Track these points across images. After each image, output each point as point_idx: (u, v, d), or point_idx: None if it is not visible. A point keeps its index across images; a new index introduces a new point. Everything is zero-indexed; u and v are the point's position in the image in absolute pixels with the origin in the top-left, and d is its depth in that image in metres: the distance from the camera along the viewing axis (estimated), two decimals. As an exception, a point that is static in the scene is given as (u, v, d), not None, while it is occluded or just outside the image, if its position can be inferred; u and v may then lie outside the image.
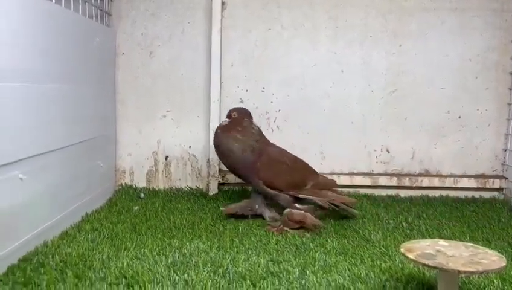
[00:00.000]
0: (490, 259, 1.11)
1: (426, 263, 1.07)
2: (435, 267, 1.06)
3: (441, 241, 1.22)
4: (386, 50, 2.31)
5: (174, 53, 2.31)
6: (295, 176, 1.95)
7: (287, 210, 1.82)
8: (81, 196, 1.86)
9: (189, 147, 2.35)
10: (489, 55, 2.31)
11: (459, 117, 2.35)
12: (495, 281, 1.33)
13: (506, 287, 1.30)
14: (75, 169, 1.81)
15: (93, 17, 2.01)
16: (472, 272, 1.06)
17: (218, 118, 2.28)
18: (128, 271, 1.34)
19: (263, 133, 2.02)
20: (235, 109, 2.00)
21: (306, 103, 2.34)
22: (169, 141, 2.35)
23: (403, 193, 2.33)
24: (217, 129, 1.98)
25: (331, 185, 2.03)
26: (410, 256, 1.11)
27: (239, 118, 1.95)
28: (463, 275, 1.17)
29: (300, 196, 1.91)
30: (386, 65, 2.32)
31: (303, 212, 1.81)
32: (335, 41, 2.31)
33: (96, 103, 2.05)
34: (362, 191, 2.34)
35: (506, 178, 2.32)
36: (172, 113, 2.33)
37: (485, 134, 2.36)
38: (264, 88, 2.34)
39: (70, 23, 1.74)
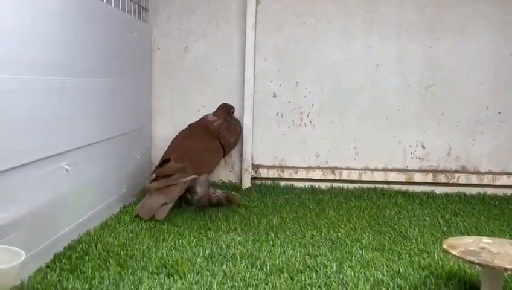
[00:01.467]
0: (538, 257, 1.08)
1: (471, 259, 1.05)
2: (480, 264, 1.05)
3: (485, 239, 1.20)
4: (423, 44, 2.27)
5: (208, 48, 2.33)
6: None
7: None
8: (120, 187, 1.91)
9: (223, 141, 2.37)
10: (531, 49, 2.24)
11: (499, 113, 2.29)
12: (541, 279, 1.30)
13: (551, 287, 1.27)
14: (115, 161, 1.85)
15: (131, 12, 2.05)
16: (520, 270, 1.04)
17: (251, 112, 2.29)
18: (168, 261, 1.37)
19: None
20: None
21: (340, 98, 2.32)
22: (203, 135, 2.37)
23: (439, 190, 2.29)
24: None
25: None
26: (454, 252, 1.09)
27: None
28: (510, 272, 1.15)
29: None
30: (422, 59, 2.27)
31: None
32: (370, 35, 2.28)
33: (134, 96, 2.09)
34: (397, 187, 2.31)
35: (547, 176, 2.25)
36: (206, 107, 2.35)
37: None
38: (297, 83, 2.33)
39: (109, 17, 1.78)
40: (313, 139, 2.36)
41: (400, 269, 1.36)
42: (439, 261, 1.41)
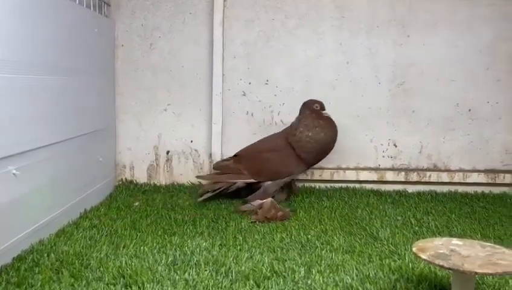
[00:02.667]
0: (508, 259, 1.04)
1: (441, 263, 1.01)
2: (449, 269, 1.00)
3: (455, 240, 1.16)
4: (394, 41, 2.24)
5: (175, 45, 2.24)
6: None
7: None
8: (79, 191, 1.80)
9: (191, 141, 2.29)
10: (500, 46, 2.23)
11: (469, 110, 2.28)
12: (510, 281, 1.27)
13: (522, 288, 1.24)
14: (74, 164, 1.75)
15: (91, 7, 1.94)
16: (490, 274, 1.00)
17: (220, 111, 2.22)
18: (127, 270, 1.28)
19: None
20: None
21: (311, 96, 2.25)
22: (170, 135, 2.29)
23: (411, 188, 2.27)
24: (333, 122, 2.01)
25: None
26: (423, 257, 1.05)
27: None
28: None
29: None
30: (393, 56, 2.24)
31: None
32: (341, 31, 2.24)
33: (95, 95, 1.99)
34: (369, 186, 2.28)
35: (517, 173, 2.26)
36: (173, 106, 2.27)
37: (495, 127, 2.28)
38: (267, 81, 2.27)
39: (67, 12, 1.68)
40: (284, 138, 2.29)
41: (369, 273, 1.31)
42: (410, 264, 1.37)
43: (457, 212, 1.98)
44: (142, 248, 1.48)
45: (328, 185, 2.29)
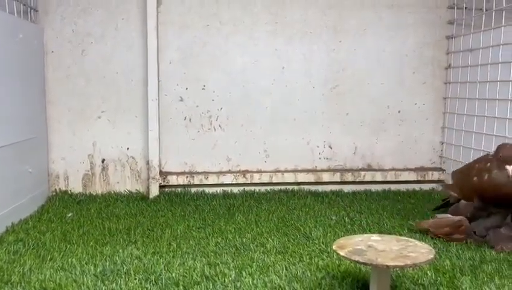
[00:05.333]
0: (419, 252, 1.10)
1: (356, 259, 1.05)
2: (364, 264, 1.05)
3: (374, 236, 1.22)
4: (326, 46, 2.31)
5: (108, 51, 2.20)
6: None
7: None
8: (4, 205, 1.72)
9: (127, 148, 2.25)
10: (425, 51, 2.36)
11: (399, 112, 2.39)
12: (428, 272, 1.35)
13: (439, 278, 1.31)
14: (-3, 176, 1.67)
15: (15, 13, 1.87)
16: (401, 266, 1.06)
17: (157, 117, 2.20)
18: (50, 284, 1.24)
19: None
20: None
21: (248, 101, 2.30)
22: (105, 143, 2.24)
23: (347, 188, 2.35)
24: None
25: None
26: (342, 253, 1.09)
27: None
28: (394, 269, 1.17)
29: None
30: (326, 61, 2.32)
31: None
32: (275, 37, 2.29)
33: (22, 103, 1.91)
34: (307, 187, 2.34)
35: (443, 170, 2.39)
36: (107, 113, 2.22)
37: (423, 128, 2.41)
38: (204, 86, 2.27)
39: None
40: (223, 143, 2.31)
41: (298, 272, 1.34)
42: (337, 261, 1.41)
43: (389, 209, 2.06)
44: (70, 259, 1.43)
45: (268, 188, 2.33)
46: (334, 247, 1.14)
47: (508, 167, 1.54)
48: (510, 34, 1.85)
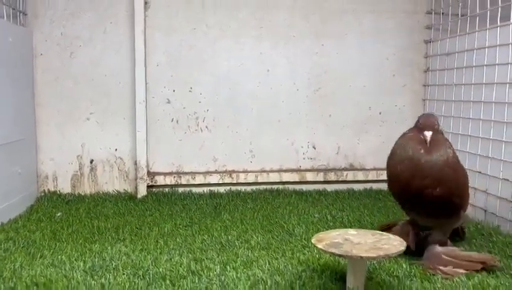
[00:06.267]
0: (392, 244, 1.18)
1: (333, 251, 1.12)
2: (340, 255, 1.12)
3: (351, 231, 1.28)
4: (309, 50, 2.39)
5: (96, 53, 2.24)
6: None
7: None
8: (-6, 204, 1.76)
9: (116, 149, 2.30)
10: (404, 55, 2.45)
11: (380, 113, 2.48)
12: (404, 265, 1.42)
13: (413, 270, 1.39)
14: (-13, 176, 1.71)
15: (5, 16, 1.91)
16: (374, 257, 1.13)
17: (144, 119, 2.25)
18: (41, 279, 1.29)
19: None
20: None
21: (234, 103, 2.37)
22: (94, 144, 2.28)
23: (330, 188, 2.42)
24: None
25: None
26: (320, 246, 1.16)
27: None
28: (371, 261, 1.24)
29: None
30: (309, 64, 2.39)
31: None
32: (260, 41, 2.36)
33: (11, 105, 1.95)
34: (291, 187, 2.41)
35: (423, 169, 2.47)
36: (96, 115, 2.27)
37: (403, 129, 2.44)
38: (191, 88, 2.33)
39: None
40: (209, 143, 2.37)
41: (280, 266, 1.41)
42: (317, 255, 1.48)
43: (370, 207, 2.14)
44: (60, 257, 1.48)
45: (254, 187, 2.39)
46: (313, 240, 1.21)
47: (426, 132, 1.38)
48: (483, 38, 1.94)
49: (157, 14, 2.26)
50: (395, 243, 1.18)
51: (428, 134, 1.38)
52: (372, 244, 1.16)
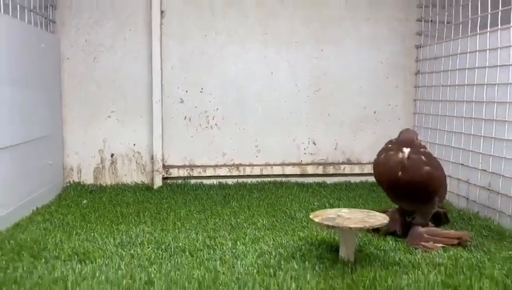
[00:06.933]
0: (377, 219, 1.40)
1: (326, 223, 1.34)
2: (333, 227, 1.34)
3: (344, 210, 1.51)
4: (310, 54, 2.62)
5: (117, 58, 2.48)
6: None
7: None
8: (30, 191, 1.99)
9: (134, 144, 2.54)
10: (397, 59, 2.68)
11: (374, 112, 2.70)
12: (390, 241, 1.64)
13: (398, 246, 1.61)
14: (23, 166, 1.94)
15: (38, 25, 2.15)
16: (361, 228, 1.35)
17: (160, 117, 2.48)
18: (80, 250, 1.52)
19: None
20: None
21: (241, 103, 2.60)
22: (114, 139, 2.52)
23: (329, 180, 2.64)
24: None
25: None
26: (316, 220, 1.38)
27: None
28: (359, 231, 1.47)
29: None
30: (310, 67, 2.62)
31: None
32: (265, 46, 2.59)
33: (42, 104, 2.19)
34: (293, 179, 2.63)
35: (414, 164, 2.69)
36: (116, 114, 2.51)
37: (396, 126, 2.69)
38: (202, 89, 2.57)
39: (16, 30, 1.88)
40: (219, 139, 2.60)
41: (282, 241, 1.63)
42: (315, 233, 1.71)
43: (365, 197, 2.36)
44: (92, 234, 1.71)
45: (259, 179, 2.61)
46: (310, 216, 1.43)
47: (405, 149, 1.56)
48: (465, 44, 2.16)
49: (172, 22, 2.50)
50: (379, 218, 1.40)
51: (406, 150, 1.57)
52: (361, 219, 1.39)
